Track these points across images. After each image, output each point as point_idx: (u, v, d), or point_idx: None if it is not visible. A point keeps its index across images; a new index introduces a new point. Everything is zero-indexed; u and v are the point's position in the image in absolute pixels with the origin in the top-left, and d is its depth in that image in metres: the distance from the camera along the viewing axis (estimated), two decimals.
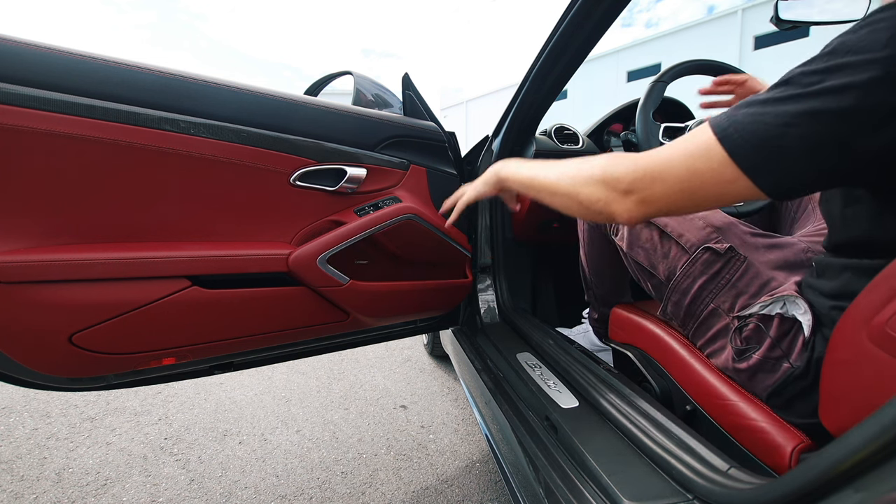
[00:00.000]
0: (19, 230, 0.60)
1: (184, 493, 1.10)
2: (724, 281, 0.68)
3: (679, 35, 19.70)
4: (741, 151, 0.42)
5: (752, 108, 0.42)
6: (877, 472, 0.29)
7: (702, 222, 0.74)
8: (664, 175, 0.47)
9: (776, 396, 0.60)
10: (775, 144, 0.40)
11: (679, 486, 0.54)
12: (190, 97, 0.69)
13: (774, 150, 0.40)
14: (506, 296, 1.23)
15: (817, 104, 0.38)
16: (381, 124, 0.92)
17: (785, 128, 0.39)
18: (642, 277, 0.84)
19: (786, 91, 0.41)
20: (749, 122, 0.42)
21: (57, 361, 0.67)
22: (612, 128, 1.45)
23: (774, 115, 0.40)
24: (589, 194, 0.54)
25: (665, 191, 0.48)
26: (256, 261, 0.77)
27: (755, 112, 0.42)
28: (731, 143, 0.42)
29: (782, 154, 0.40)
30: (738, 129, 0.42)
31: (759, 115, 0.42)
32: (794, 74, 0.41)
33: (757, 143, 0.41)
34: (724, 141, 0.43)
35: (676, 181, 0.46)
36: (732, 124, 0.43)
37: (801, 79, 0.40)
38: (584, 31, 0.85)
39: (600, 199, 0.53)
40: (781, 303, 0.60)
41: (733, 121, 0.43)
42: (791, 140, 0.39)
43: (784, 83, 0.42)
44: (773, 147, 0.40)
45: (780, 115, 0.40)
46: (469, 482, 1.16)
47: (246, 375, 1.74)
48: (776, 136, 0.40)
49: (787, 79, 0.42)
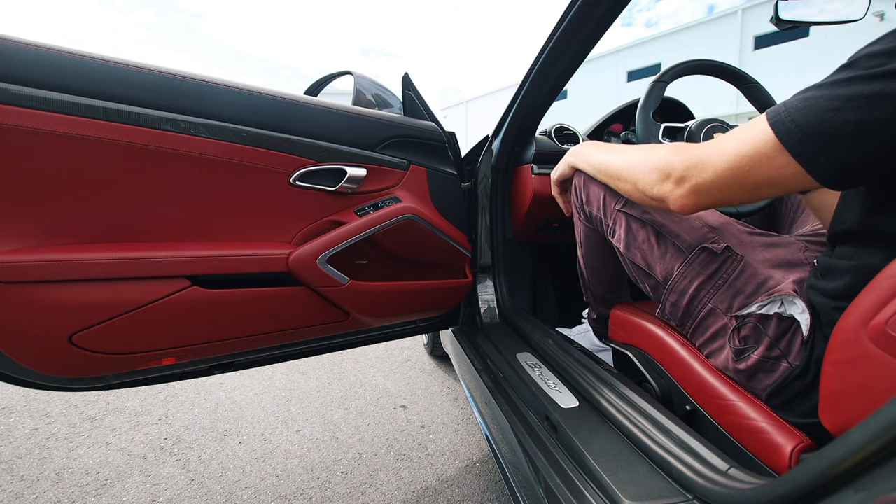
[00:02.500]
0: (19, 230, 0.60)
1: (184, 493, 1.10)
2: (721, 281, 0.68)
3: (679, 35, 19.70)
4: (792, 136, 0.41)
5: (809, 93, 0.41)
6: (877, 472, 0.29)
7: (698, 222, 0.74)
8: (716, 161, 0.47)
9: (776, 396, 0.60)
10: (826, 129, 0.38)
11: (679, 486, 0.54)
12: (190, 97, 0.69)
13: (825, 135, 0.38)
14: (506, 296, 1.23)
15: (877, 87, 0.36)
16: (381, 124, 0.92)
17: (837, 112, 0.38)
18: (640, 278, 0.84)
19: (847, 73, 0.39)
20: (803, 107, 0.40)
21: (57, 361, 0.67)
22: (612, 128, 1.45)
23: (828, 99, 0.39)
24: (646, 181, 0.57)
25: (716, 177, 0.48)
26: (256, 261, 0.77)
27: (810, 96, 0.41)
28: (782, 128, 0.41)
29: (832, 138, 0.38)
30: (791, 113, 0.41)
31: (813, 98, 0.40)
32: (859, 56, 0.39)
33: (808, 128, 0.39)
34: (775, 126, 0.42)
35: (727, 167, 0.46)
36: (786, 109, 0.42)
37: (865, 61, 0.38)
38: (584, 31, 0.85)
39: (654, 186, 0.55)
40: (779, 302, 0.60)
41: (787, 106, 0.42)
42: (842, 124, 0.38)
43: (848, 66, 0.40)
44: (823, 132, 0.39)
45: (835, 98, 0.38)
46: (469, 482, 1.16)
47: (246, 375, 1.74)
48: (828, 120, 0.38)
49: (852, 61, 0.40)
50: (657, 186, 0.56)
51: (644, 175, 0.58)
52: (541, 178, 1.21)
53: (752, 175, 0.45)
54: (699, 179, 0.50)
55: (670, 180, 0.54)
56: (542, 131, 1.33)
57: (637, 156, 0.63)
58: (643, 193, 0.59)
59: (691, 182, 0.51)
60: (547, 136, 1.32)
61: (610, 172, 0.70)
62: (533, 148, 1.21)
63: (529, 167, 1.21)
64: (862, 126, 0.37)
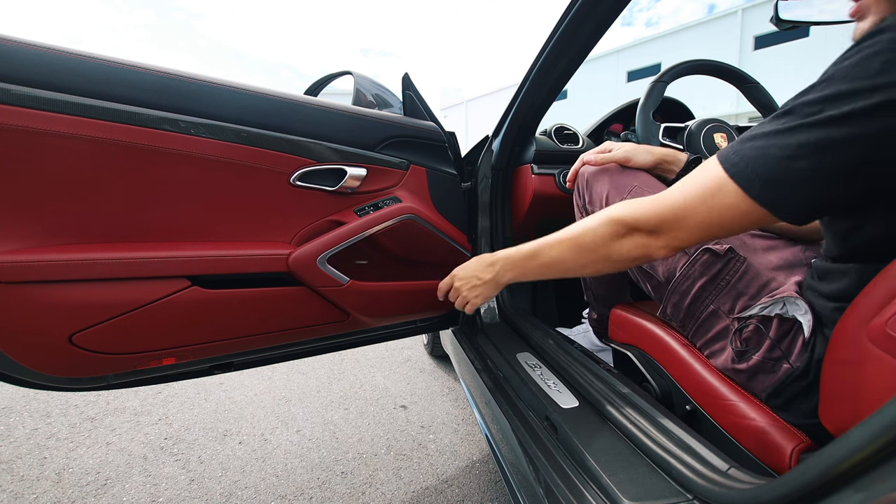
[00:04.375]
0: (19, 230, 0.60)
1: (184, 493, 1.10)
2: (723, 282, 0.68)
3: (679, 35, 19.70)
4: (754, 186, 0.43)
5: (758, 142, 0.44)
6: (877, 472, 0.29)
7: None
8: (686, 216, 0.50)
9: (775, 396, 0.60)
10: (784, 177, 0.41)
11: (679, 486, 0.54)
12: (190, 97, 0.69)
13: (785, 183, 0.41)
14: (506, 296, 1.23)
15: (821, 134, 0.39)
16: (381, 124, 0.92)
17: (791, 160, 0.40)
18: (642, 279, 0.84)
19: (788, 122, 0.42)
20: (757, 157, 0.43)
21: (57, 361, 0.66)
22: (612, 128, 1.45)
23: (780, 148, 0.41)
24: (620, 250, 0.58)
25: (689, 231, 0.51)
26: (256, 261, 0.77)
27: (761, 146, 0.43)
28: (743, 179, 0.44)
29: (793, 186, 0.41)
30: (749, 163, 0.44)
31: (765, 148, 0.43)
32: (795, 104, 0.42)
33: (767, 177, 0.42)
34: (736, 177, 0.45)
35: (697, 221, 0.49)
36: (742, 159, 0.44)
37: (801, 109, 0.41)
38: (585, 31, 0.85)
39: (633, 249, 0.57)
40: (781, 304, 0.60)
41: (742, 156, 0.44)
42: (799, 172, 0.40)
43: (786, 113, 0.42)
44: (782, 179, 0.41)
45: (785, 147, 0.41)
46: (469, 482, 1.16)
47: (246, 375, 1.74)
48: (784, 168, 0.41)
49: (788, 108, 0.43)
50: (636, 248, 0.57)
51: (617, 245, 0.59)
52: (541, 178, 1.21)
53: (722, 222, 0.48)
54: (674, 233, 0.52)
55: (643, 234, 0.55)
56: (542, 131, 1.33)
57: (580, 238, 0.63)
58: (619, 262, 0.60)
59: (667, 235, 0.53)
60: (547, 136, 1.32)
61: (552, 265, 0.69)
62: (533, 148, 1.21)
63: (529, 167, 1.21)
64: (816, 172, 0.39)
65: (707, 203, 0.48)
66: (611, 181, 0.86)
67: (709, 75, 1.15)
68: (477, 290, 0.82)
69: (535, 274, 0.74)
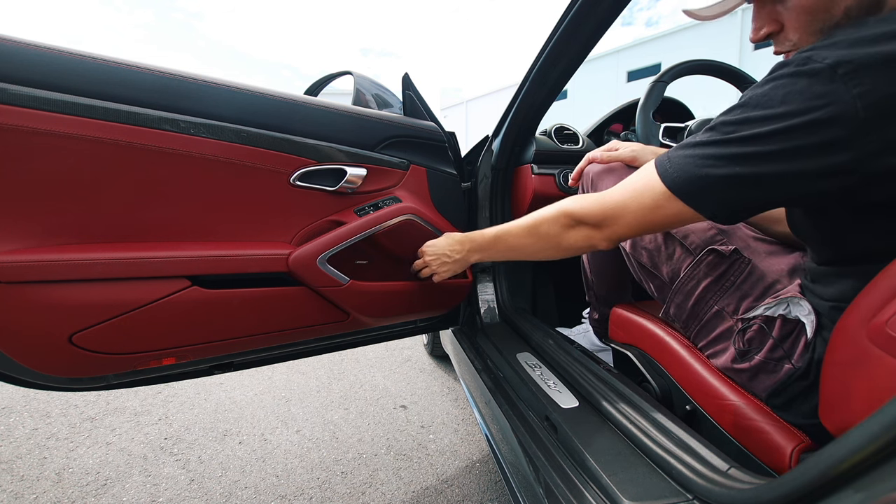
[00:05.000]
0: (19, 230, 0.60)
1: (184, 493, 1.10)
2: (728, 283, 0.68)
3: (679, 35, 19.70)
4: (681, 188, 0.51)
5: (686, 150, 0.51)
6: (877, 472, 0.29)
7: (707, 224, 0.74)
8: (624, 213, 0.58)
9: (776, 396, 0.60)
10: (705, 181, 0.48)
11: (679, 486, 0.54)
12: (190, 97, 0.69)
13: (706, 186, 0.49)
14: (506, 296, 1.23)
15: (733, 150, 0.46)
16: (381, 124, 0.92)
17: (710, 168, 0.48)
18: (645, 278, 0.84)
19: (711, 136, 0.49)
20: (683, 163, 0.51)
21: (57, 361, 0.66)
22: (612, 128, 1.45)
23: (702, 157, 0.49)
24: (568, 240, 0.67)
25: (627, 225, 0.58)
26: (256, 261, 0.77)
27: (688, 154, 0.51)
28: (671, 181, 0.52)
29: (712, 189, 0.48)
30: (677, 168, 0.51)
31: (690, 156, 0.50)
32: (717, 122, 0.49)
33: (692, 180, 0.49)
34: (665, 179, 0.52)
35: (634, 217, 0.57)
36: (672, 164, 0.52)
37: (721, 127, 0.48)
38: (585, 30, 0.85)
39: (579, 239, 0.66)
40: (785, 305, 0.61)
41: (673, 162, 0.52)
42: (717, 178, 0.47)
43: (710, 129, 0.50)
44: (703, 184, 0.49)
45: (706, 156, 0.48)
46: (469, 482, 1.16)
47: (246, 375, 1.74)
48: (704, 175, 0.48)
49: (712, 125, 0.50)
50: (583, 237, 0.65)
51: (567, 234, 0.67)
52: (541, 178, 1.21)
53: (655, 219, 0.55)
54: (615, 227, 0.60)
55: (589, 227, 0.63)
56: (542, 131, 1.33)
57: (535, 227, 0.71)
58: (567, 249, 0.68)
59: (609, 229, 0.61)
60: (547, 136, 1.32)
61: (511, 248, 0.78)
62: (533, 148, 1.21)
63: (529, 167, 1.21)
64: (729, 179, 0.47)
65: (640, 201, 0.55)
66: (616, 181, 0.86)
67: (709, 75, 1.15)
68: (446, 267, 0.90)
69: (499, 256, 0.83)
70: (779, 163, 0.44)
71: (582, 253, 0.69)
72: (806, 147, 0.42)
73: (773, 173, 0.44)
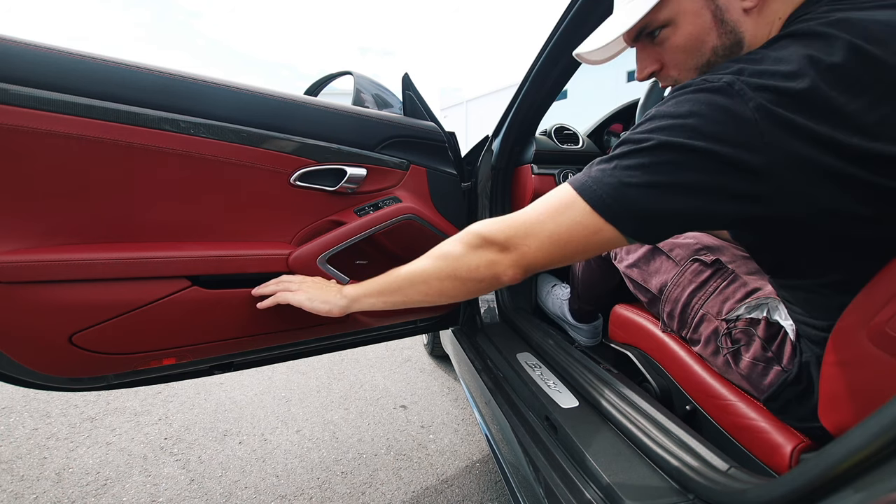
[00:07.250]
0: (19, 230, 0.60)
1: (184, 493, 1.10)
2: (711, 288, 0.73)
3: None
4: (600, 202, 0.47)
5: (602, 165, 0.49)
6: (877, 472, 0.29)
7: (694, 241, 0.80)
8: (536, 229, 0.52)
9: (773, 401, 0.61)
10: (623, 193, 0.46)
11: (679, 486, 0.54)
12: (190, 97, 0.69)
13: (625, 199, 0.46)
14: (506, 296, 1.23)
15: (646, 159, 0.45)
16: (381, 124, 0.92)
17: (629, 179, 0.46)
18: (638, 293, 0.90)
19: (623, 148, 0.48)
20: (602, 177, 0.48)
21: (57, 361, 0.66)
22: (612, 128, 1.45)
23: (621, 169, 0.47)
24: (469, 262, 0.57)
25: (539, 244, 0.52)
26: (256, 261, 0.77)
27: (604, 168, 0.48)
28: (590, 196, 0.48)
29: (631, 201, 0.46)
30: (596, 183, 0.48)
31: (607, 170, 0.48)
32: (629, 136, 0.48)
33: (611, 194, 0.46)
34: (583, 194, 0.48)
35: (547, 235, 0.51)
36: (590, 179, 0.49)
37: (633, 137, 0.47)
38: (585, 31, 0.85)
39: (481, 264, 0.56)
40: (765, 307, 0.64)
41: (590, 176, 0.49)
42: (635, 188, 0.45)
43: (622, 143, 0.48)
44: (622, 196, 0.46)
45: (623, 167, 0.46)
46: (469, 482, 1.16)
47: (246, 375, 1.74)
48: (623, 186, 0.46)
49: (624, 139, 0.49)
50: (484, 263, 0.55)
51: (465, 259, 0.57)
52: (541, 178, 1.21)
53: (571, 239, 0.50)
54: (524, 248, 0.53)
55: (494, 250, 0.55)
56: (542, 131, 1.33)
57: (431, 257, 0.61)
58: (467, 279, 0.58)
59: (517, 251, 0.53)
60: (547, 136, 1.32)
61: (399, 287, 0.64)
62: (533, 148, 1.21)
63: (529, 167, 1.21)
64: (647, 189, 0.45)
65: (556, 219, 0.50)
66: None
67: None
68: (326, 307, 0.73)
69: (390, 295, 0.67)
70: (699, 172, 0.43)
71: (482, 286, 0.57)
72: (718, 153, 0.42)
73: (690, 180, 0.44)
